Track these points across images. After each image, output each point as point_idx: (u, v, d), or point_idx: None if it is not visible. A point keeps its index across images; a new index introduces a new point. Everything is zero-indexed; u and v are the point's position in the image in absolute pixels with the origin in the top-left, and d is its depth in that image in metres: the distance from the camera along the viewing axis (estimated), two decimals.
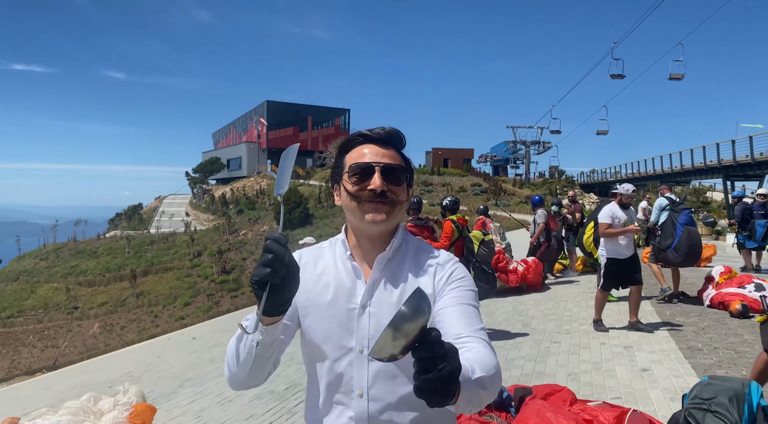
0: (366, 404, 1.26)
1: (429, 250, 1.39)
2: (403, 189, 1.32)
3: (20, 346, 33.87)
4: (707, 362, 4.99)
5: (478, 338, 1.19)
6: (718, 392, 3.08)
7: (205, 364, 7.66)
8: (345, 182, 1.31)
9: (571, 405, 3.28)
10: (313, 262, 1.39)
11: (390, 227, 1.32)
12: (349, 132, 17.32)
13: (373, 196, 1.27)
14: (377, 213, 1.27)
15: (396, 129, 1.35)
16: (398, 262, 1.34)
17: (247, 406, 5.05)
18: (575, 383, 4.62)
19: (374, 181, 1.26)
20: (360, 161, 1.29)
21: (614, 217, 6.33)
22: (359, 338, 1.28)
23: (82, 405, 4.78)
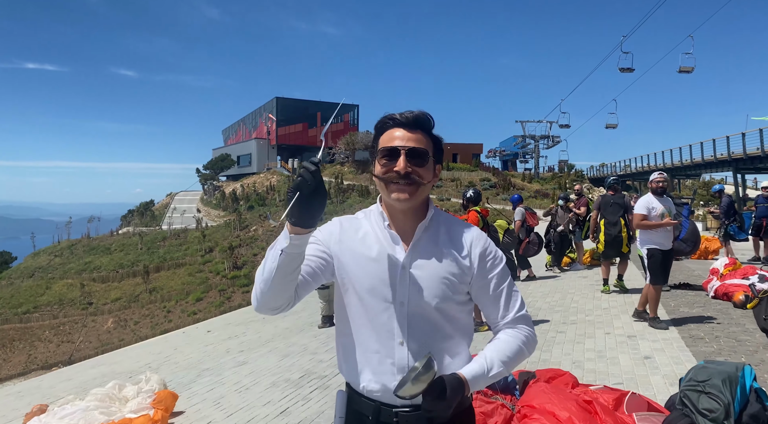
0: (406, 352, 1.43)
1: (459, 221, 1.58)
2: (428, 170, 1.47)
3: (36, 341, 34.37)
4: (708, 349, 5.15)
5: (510, 322, 1.51)
6: (712, 375, 3.25)
7: (222, 355, 7.89)
8: (377, 163, 1.48)
9: (573, 388, 3.45)
10: (354, 228, 1.55)
11: (415, 204, 1.48)
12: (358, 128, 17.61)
13: (398, 177, 1.43)
14: (401, 193, 1.43)
15: (424, 112, 1.49)
16: (434, 230, 1.52)
17: (264, 393, 5.27)
18: (579, 370, 4.80)
19: (399, 163, 1.42)
20: (388, 145, 1.45)
21: (650, 207, 6.06)
22: (401, 293, 1.44)
23: (108, 392, 5.03)
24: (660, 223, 6.01)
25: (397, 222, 1.52)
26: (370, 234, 1.52)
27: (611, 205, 8.25)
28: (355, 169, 51.21)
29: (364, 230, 1.54)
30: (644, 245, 6.14)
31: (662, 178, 6.24)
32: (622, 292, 8.39)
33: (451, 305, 1.46)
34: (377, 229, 1.52)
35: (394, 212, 1.52)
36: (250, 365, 6.73)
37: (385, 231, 1.50)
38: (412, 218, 1.51)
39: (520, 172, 55.49)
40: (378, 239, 1.50)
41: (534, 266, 12.08)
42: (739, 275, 7.60)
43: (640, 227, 6.12)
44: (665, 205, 6.10)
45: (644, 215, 6.07)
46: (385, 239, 1.50)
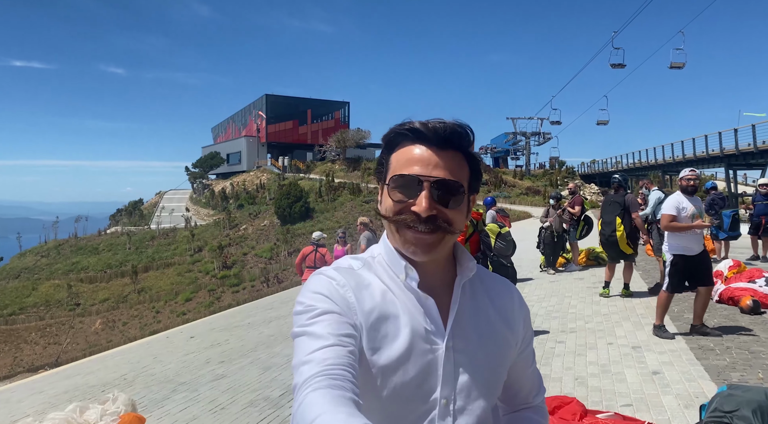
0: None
1: (485, 271, 1.16)
2: (461, 212, 1.02)
3: (22, 343, 33.85)
4: (721, 363, 4.77)
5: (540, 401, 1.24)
6: (741, 405, 2.87)
7: (201, 366, 7.46)
8: (385, 195, 1.03)
9: (581, 419, 3.06)
10: (364, 284, 1.03)
11: (438, 257, 1.04)
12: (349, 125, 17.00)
13: (417, 221, 0.98)
14: (419, 246, 0.99)
15: (461, 124, 1.03)
16: (471, 289, 1.10)
17: (241, 414, 4.85)
18: (583, 388, 4.41)
19: (420, 202, 0.98)
20: (405, 171, 1.00)
21: (680, 207, 5.51)
22: (445, 388, 1.01)
23: (67, 417, 4.59)
24: (692, 225, 5.46)
25: (419, 273, 1.03)
26: (390, 297, 1.03)
27: (609, 204, 7.86)
28: (346, 167, 50.75)
29: (380, 290, 1.03)
30: (671, 250, 5.59)
31: (694, 175, 5.64)
32: (624, 296, 8.02)
33: (498, 391, 1.12)
34: (396, 289, 1.04)
35: (413, 259, 1.05)
36: (229, 378, 6.31)
37: (411, 294, 1.03)
38: (437, 266, 1.06)
39: (512, 169, 55.27)
40: (403, 305, 1.02)
41: (528, 267, 11.74)
42: (745, 278, 7.26)
43: (668, 229, 5.55)
44: (696, 206, 5.56)
45: (673, 215, 5.50)
46: (413, 307, 1.02)
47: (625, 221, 7.63)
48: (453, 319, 1.03)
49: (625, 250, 7.67)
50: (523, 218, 30.91)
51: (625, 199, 7.75)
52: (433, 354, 1.00)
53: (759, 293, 6.78)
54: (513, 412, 1.22)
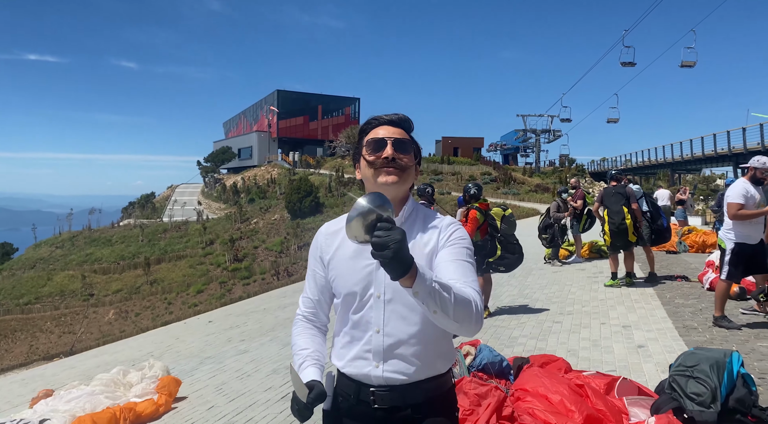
0: (381, 339, 1.54)
1: (434, 215, 1.66)
2: (411, 157, 1.60)
3: (38, 332, 34.60)
4: (700, 339, 5.24)
5: (466, 284, 1.44)
6: (701, 360, 3.35)
7: (223, 344, 8.01)
8: (364, 155, 1.59)
9: (565, 373, 3.55)
10: (333, 233, 1.69)
11: (401, 190, 1.59)
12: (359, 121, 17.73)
13: (385, 163, 1.55)
14: (389, 175, 1.55)
15: (405, 115, 1.67)
16: (409, 225, 1.61)
17: (265, 380, 5.38)
18: (573, 357, 4.89)
19: (386, 150, 1.56)
20: (375, 137, 1.60)
21: (748, 195, 5.47)
22: (377, 286, 1.55)
23: (113, 377, 5.14)
24: (761, 211, 5.45)
25: None
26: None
27: (613, 195, 8.32)
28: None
29: (344, 232, 1.52)
30: (736, 238, 5.54)
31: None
32: (629, 285, 8.41)
33: None
34: None
35: None
36: (252, 353, 6.84)
37: None
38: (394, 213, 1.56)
39: (521, 166, 55.49)
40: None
41: (532, 260, 12.19)
42: None
43: (738, 218, 5.47)
44: (762, 194, 5.58)
45: (741, 204, 5.44)
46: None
47: (630, 210, 8.16)
48: None
49: (631, 238, 8.17)
50: (532, 214, 31.25)
51: (626, 190, 8.26)
52: (369, 265, 1.55)
53: (746, 281, 7.20)
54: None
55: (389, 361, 1.54)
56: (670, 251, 12.23)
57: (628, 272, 8.47)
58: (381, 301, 1.55)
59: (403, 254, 1.21)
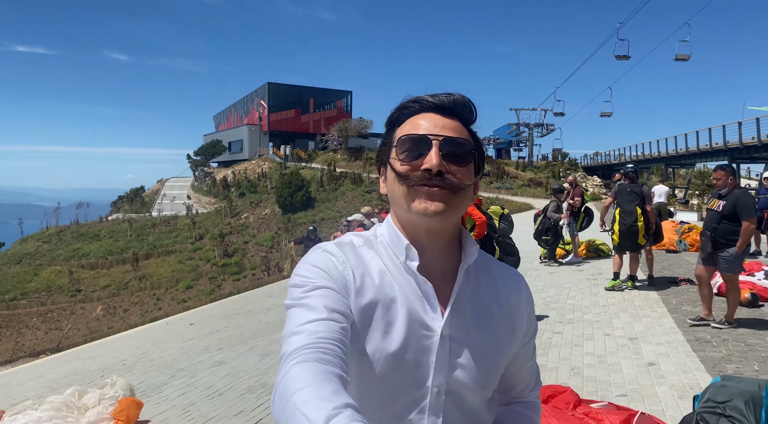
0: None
1: (492, 260, 1.14)
2: (469, 172, 1.01)
3: (24, 328, 34.01)
4: (716, 355, 4.78)
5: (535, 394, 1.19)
6: (733, 395, 2.88)
7: (200, 352, 7.50)
8: (393, 160, 1.00)
9: (575, 408, 3.07)
10: (363, 263, 1.01)
11: (449, 222, 1.00)
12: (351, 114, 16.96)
13: (427, 179, 0.96)
14: (430, 200, 0.95)
15: (465, 97, 1.04)
16: (475, 276, 1.06)
17: (238, 400, 4.88)
18: (578, 378, 4.43)
19: (430, 158, 0.96)
20: (413, 132, 0.99)
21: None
22: (437, 376, 0.98)
23: (66, 400, 4.63)
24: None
25: (421, 257, 1.01)
26: (388, 280, 1.01)
27: (628, 193, 7.79)
28: (347, 156, 50.66)
29: (378, 270, 1.02)
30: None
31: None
32: (632, 288, 7.98)
33: (495, 385, 1.08)
34: (396, 271, 1.01)
35: (417, 240, 1.02)
36: (228, 365, 6.34)
37: (410, 277, 1.01)
38: (445, 252, 1.05)
39: (514, 160, 55.12)
40: (401, 290, 1.00)
41: (527, 259, 11.74)
42: (744, 271, 7.25)
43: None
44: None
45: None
46: (411, 291, 1.00)
47: (644, 211, 7.64)
48: (452, 306, 1.00)
49: (641, 241, 7.67)
50: (525, 209, 30.86)
51: (642, 189, 7.74)
52: (428, 341, 0.97)
53: (758, 286, 6.79)
54: (505, 405, 1.17)
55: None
56: (670, 250, 11.80)
57: (631, 275, 8.02)
58: (441, 400, 0.99)
59: None
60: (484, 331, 1.02)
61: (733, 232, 5.44)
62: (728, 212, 5.44)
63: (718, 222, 5.50)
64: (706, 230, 5.65)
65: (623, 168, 8.44)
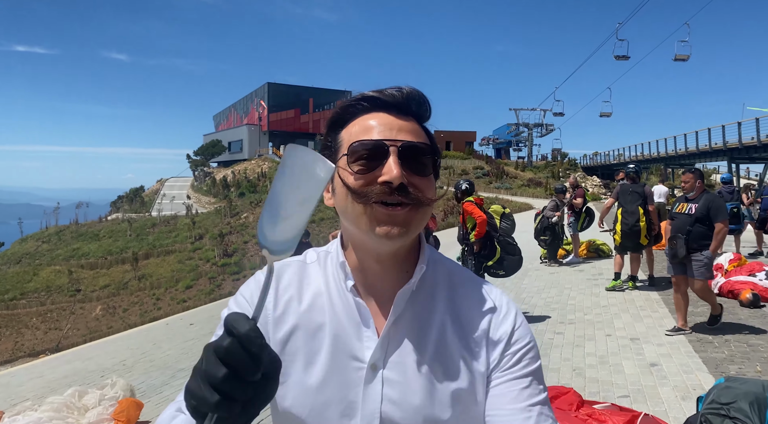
0: None
1: (468, 278, 0.94)
2: (431, 183, 0.86)
3: (23, 328, 33.97)
4: (719, 356, 4.77)
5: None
6: (738, 397, 2.86)
7: (199, 352, 7.46)
8: (342, 172, 0.84)
9: (578, 409, 3.06)
10: (296, 287, 0.90)
11: (409, 241, 0.86)
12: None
13: (387, 194, 0.80)
14: (392, 224, 0.80)
15: (417, 90, 0.88)
16: (426, 299, 0.89)
17: None
18: (580, 378, 4.41)
19: (389, 169, 0.80)
20: (365, 138, 0.83)
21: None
22: (366, 415, 0.82)
23: (66, 400, 4.62)
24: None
25: (370, 279, 0.89)
26: (322, 302, 0.88)
27: (629, 193, 7.78)
28: None
29: (312, 293, 0.89)
30: None
31: None
32: (632, 289, 7.96)
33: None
34: (334, 293, 0.89)
35: (366, 261, 0.88)
36: None
37: (347, 298, 0.88)
38: (395, 271, 0.88)
39: (513, 160, 55.16)
40: (333, 315, 0.87)
41: (527, 259, 11.72)
42: (745, 271, 7.25)
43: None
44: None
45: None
46: (345, 316, 0.87)
47: (645, 211, 7.62)
48: (386, 331, 0.85)
49: (642, 241, 7.65)
50: (525, 209, 30.85)
51: (644, 189, 7.74)
52: (355, 373, 0.84)
53: (759, 286, 6.78)
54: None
55: None
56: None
57: (632, 276, 8.01)
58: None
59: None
60: (433, 357, 0.85)
61: (706, 235, 5.36)
62: (701, 215, 5.38)
63: (692, 225, 5.42)
64: (678, 234, 5.51)
65: (625, 168, 8.44)
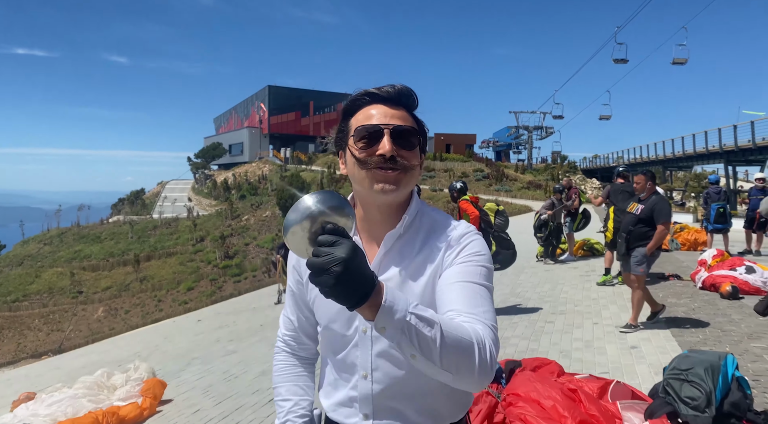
0: (370, 386, 1.23)
1: (445, 223, 1.27)
2: (416, 154, 1.23)
3: (26, 330, 34.18)
4: (694, 339, 5.20)
5: (473, 317, 1.07)
6: (695, 364, 3.29)
7: (211, 344, 7.90)
8: (351, 148, 1.22)
9: (558, 377, 3.48)
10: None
11: (401, 196, 1.23)
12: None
13: (382, 162, 1.17)
14: (386, 182, 1.17)
15: (407, 87, 1.25)
16: (409, 238, 1.25)
17: (253, 382, 5.28)
18: (566, 359, 4.83)
19: (383, 145, 1.17)
20: (367, 123, 1.20)
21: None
22: (362, 318, 1.07)
23: (96, 380, 5.03)
24: None
25: (373, 226, 1.27)
26: None
27: (620, 192, 8.19)
28: None
29: None
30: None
31: None
32: (622, 283, 8.35)
33: None
34: None
35: (370, 212, 1.26)
36: (240, 353, 6.74)
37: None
38: (390, 219, 1.26)
39: (513, 163, 55.52)
40: None
41: (524, 258, 12.14)
42: (727, 266, 7.67)
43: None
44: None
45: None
46: None
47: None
48: (376, 261, 1.23)
49: None
50: (524, 211, 31.27)
51: (634, 188, 8.13)
52: None
53: (739, 280, 7.20)
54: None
55: (380, 412, 1.24)
56: (662, 249, 12.20)
57: (620, 272, 8.41)
58: (368, 338, 1.22)
59: (351, 277, 0.87)
60: (410, 278, 1.21)
61: (646, 235, 5.62)
62: (645, 215, 5.65)
63: (635, 225, 5.70)
64: (622, 232, 5.82)
65: (616, 170, 8.89)
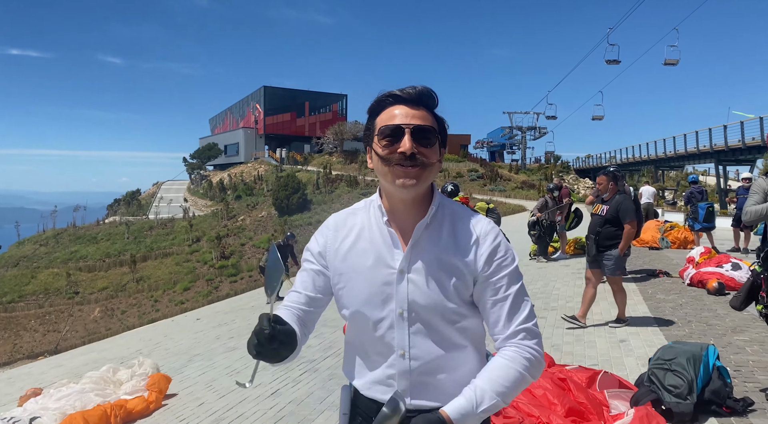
0: (408, 363, 1.34)
1: (467, 214, 1.40)
2: (435, 151, 1.33)
3: (22, 330, 34.20)
4: (680, 333, 5.39)
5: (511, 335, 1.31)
6: (678, 354, 3.48)
7: (211, 341, 8.04)
8: (375, 146, 1.32)
9: (548, 367, 3.66)
10: (347, 227, 1.41)
11: (421, 190, 1.33)
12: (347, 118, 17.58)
13: (403, 159, 1.27)
14: (407, 177, 1.28)
15: (428, 88, 1.34)
16: (436, 227, 1.36)
17: (256, 376, 5.43)
18: (557, 352, 5.02)
19: (404, 143, 1.27)
20: (389, 123, 1.30)
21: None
22: (399, 301, 1.32)
23: (102, 375, 5.18)
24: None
25: (398, 216, 1.38)
26: (365, 233, 1.39)
27: None
28: (343, 159, 51.24)
29: (359, 229, 1.41)
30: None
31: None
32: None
33: (457, 312, 1.34)
34: (375, 226, 1.39)
35: (395, 204, 1.37)
36: (241, 350, 6.89)
37: (384, 228, 1.37)
38: (414, 211, 1.37)
39: (507, 163, 55.81)
40: (373, 240, 1.38)
41: (518, 256, 12.31)
42: (714, 263, 7.87)
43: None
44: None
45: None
46: (382, 240, 1.37)
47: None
48: (408, 249, 1.34)
49: None
50: (518, 211, 31.52)
51: (625, 188, 8.33)
52: (390, 276, 1.33)
53: (725, 276, 7.41)
54: (497, 346, 1.35)
55: (417, 387, 1.35)
56: (653, 247, 12.45)
57: None
58: (404, 319, 1.33)
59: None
60: (440, 265, 1.33)
61: (615, 235, 5.71)
62: (611, 216, 5.74)
63: (602, 226, 5.78)
64: (590, 234, 5.88)
65: (604, 169, 9.05)
